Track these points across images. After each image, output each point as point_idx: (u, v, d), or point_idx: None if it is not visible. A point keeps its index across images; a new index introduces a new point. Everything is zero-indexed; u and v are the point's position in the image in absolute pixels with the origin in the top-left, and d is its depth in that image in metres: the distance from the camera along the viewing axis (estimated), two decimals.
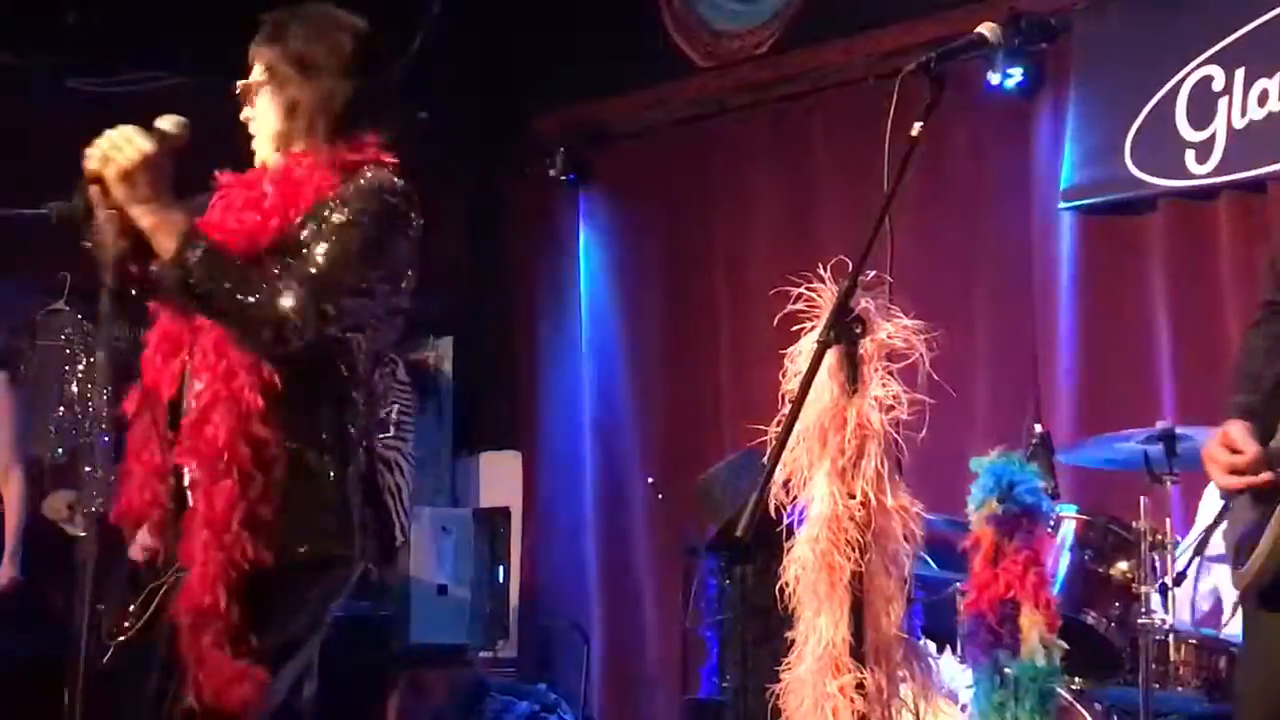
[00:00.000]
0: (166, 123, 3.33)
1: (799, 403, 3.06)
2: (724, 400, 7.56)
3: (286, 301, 3.20)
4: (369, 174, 3.39)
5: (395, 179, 3.41)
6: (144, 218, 3.22)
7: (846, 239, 3.21)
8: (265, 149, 3.51)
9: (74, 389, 7.86)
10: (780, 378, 3.21)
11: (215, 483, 3.28)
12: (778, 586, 3.22)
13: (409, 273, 3.42)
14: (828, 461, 3.14)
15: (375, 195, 3.36)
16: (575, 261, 8.42)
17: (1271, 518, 3.20)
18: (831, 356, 3.11)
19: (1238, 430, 3.31)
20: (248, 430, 3.27)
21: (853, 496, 3.12)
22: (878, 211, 3.12)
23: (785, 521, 3.19)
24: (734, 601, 5.53)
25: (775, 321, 3.31)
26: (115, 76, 8.08)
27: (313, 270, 3.24)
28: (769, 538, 3.18)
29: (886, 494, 3.14)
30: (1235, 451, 3.30)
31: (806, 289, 3.21)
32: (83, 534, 7.76)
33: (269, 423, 3.28)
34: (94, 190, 3.25)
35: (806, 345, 3.16)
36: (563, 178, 8.19)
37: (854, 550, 3.11)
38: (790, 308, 3.22)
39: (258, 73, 3.53)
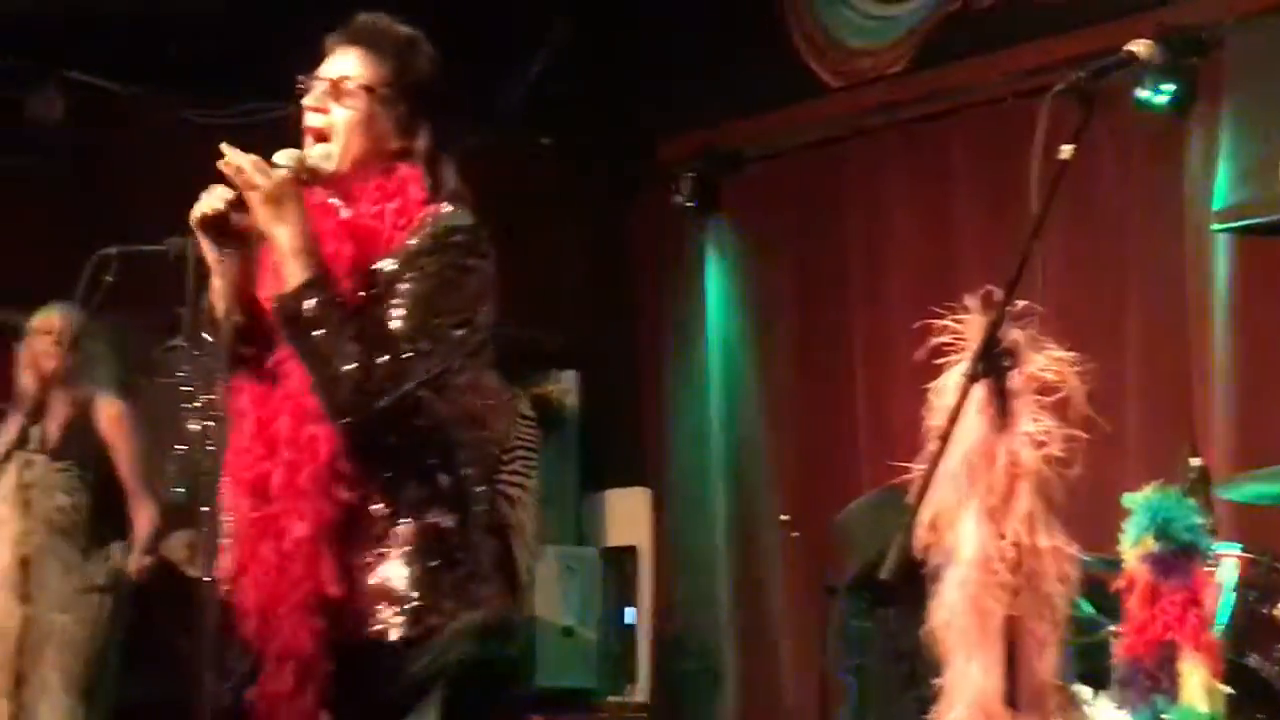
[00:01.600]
0: (284, 157, 3.31)
1: (945, 439, 3.05)
2: (861, 435, 7.55)
3: (371, 360, 3.14)
4: (441, 212, 3.31)
5: (463, 215, 3.33)
6: (287, 240, 3.19)
7: (989, 266, 3.22)
8: (334, 156, 3.37)
9: (193, 427, 7.98)
10: (923, 412, 3.21)
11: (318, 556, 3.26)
12: (924, 631, 3.21)
13: (484, 309, 3.33)
14: (976, 501, 3.13)
15: (449, 238, 3.28)
16: (702, 291, 8.44)
17: None
18: (979, 391, 3.10)
19: None
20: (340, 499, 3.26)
21: (1003, 537, 3.11)
22: (1023, 237, 3.09)
23: (931, 563, 3.17)
24: (876, 645, 5.52)
25: (917, 354, 3.30)
26: (229, 108, 8.23)
27: (389, 332, 3.19)
28: (914, 580, 3.17)
29: (1039, 534, 3.12)
30: None
31: (952, 320, 3.20)
32: (205, 576, 7.93)
33: (368, 487, 3.27)
34: (219, 219, 3.25)
35: (953, 379, 3.15)
36: (689, 204, 8.22)
37: (1005, 593, 3.09)
38: (934, 341, 3.22)
39: (355, 72, 3.41)
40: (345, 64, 3.40)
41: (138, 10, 7.85)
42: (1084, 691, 5.20)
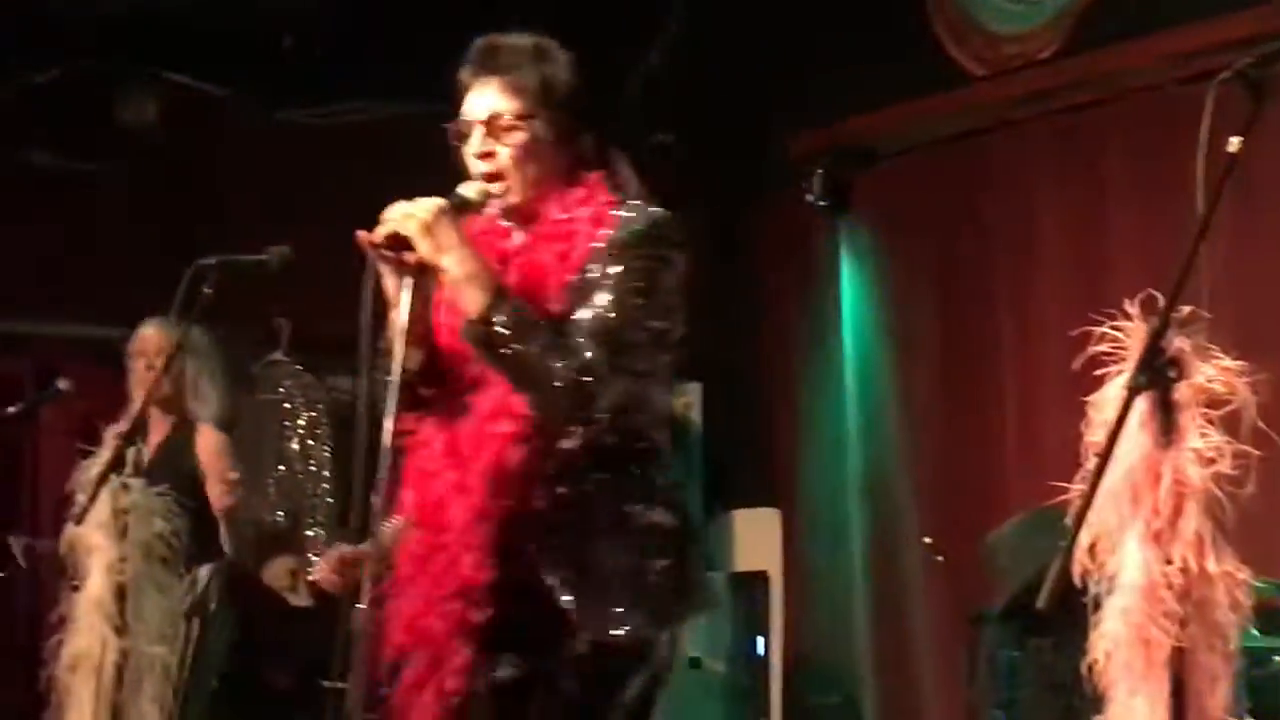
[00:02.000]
0: (469, 190, 3.50)
1: (1106, 457, 3.03)
2: (1010, 452, 7.50)
3: (583, 363, 3.31)
4: (631, 213, 3.49)
5: (658, 210, 3.51)
6: (455, 266, 3.34)
7: (1149, 268, 3.20)
8: (514, 190, 3.55)
9: (294, 446, 8.07)
10: (1083, 427, 3.21)
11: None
12: (1083, 663, 3.21)
13: (680, 303, 3.52)
14: (1140, 523, 3.13)
15: (648, 233, 3.47)
16: (835, 296, 8.43)
17: None
18: (1142, 404, 3.09)
19: None
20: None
21: (1170, 562, 3.11)
22: (1187, 237, 3.08)
23: (1091, 591, 3.16)
24: (1030, 678, 5.50)
25: (1073, 364, 3.29)
26: (326, 107, 8.34)
27: (600, 328, 3.35)
28: (1071, 608, 3.16)
29: (1208, 558, 3.12)
30: None
31: (1110, 328, 3.19)
32: (307, 603, 8.03)
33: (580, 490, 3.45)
34: (390, 256, 3.41)
35: (1113, 392, 3.15)
36: (821, 203, 8.20)
37: (1172, 623, 3.09)
38: (1091, 349, 3.21)
39: (505, 106, 3.56)
40: (491, 100, 3.56)
41: (228, 11, 7.99)
42: None
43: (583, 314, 3.36)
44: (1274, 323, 6.50)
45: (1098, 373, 3.23)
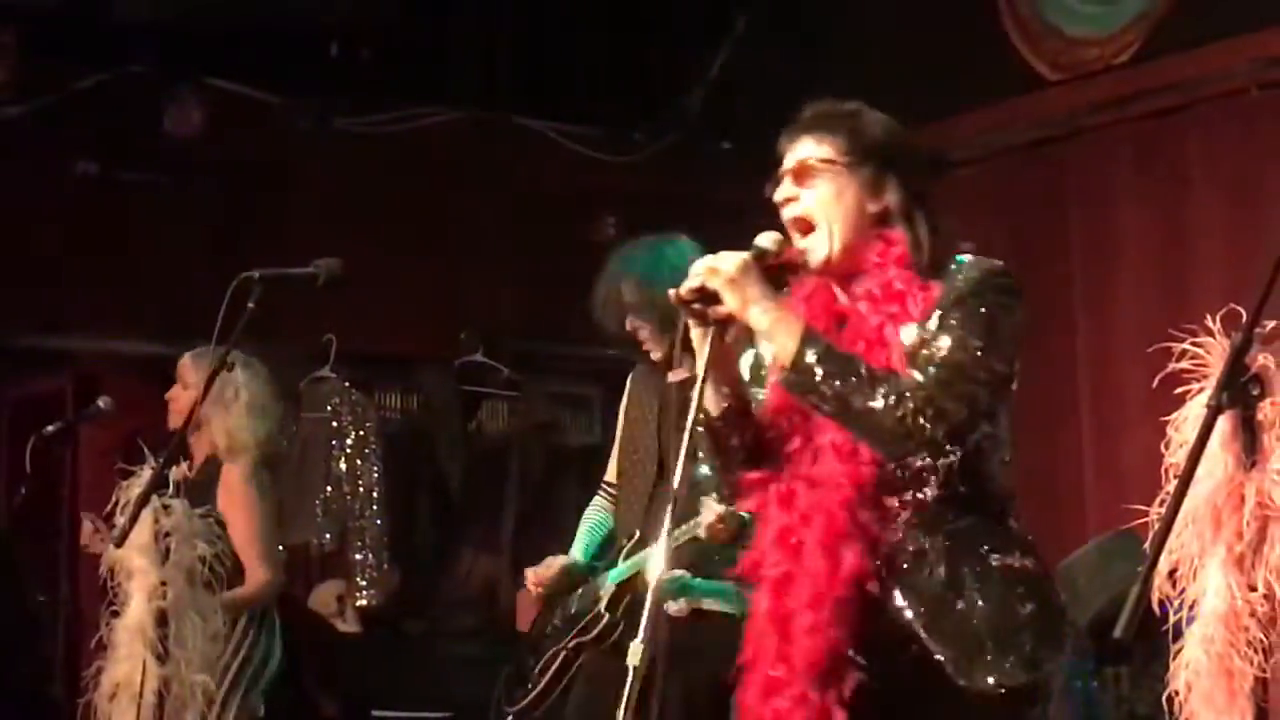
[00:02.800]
0: (766, 240, 3.58)
1: (1187, 478, 2.99)
2: (1086, 471, 7.46)
3: (910, 386, 3.38)
4: (963, 263, 3.60)
5: (993, 261, 3.62)
6: (761, 318, 3.44)
7: (1231, 280, 3.18)
8: (822, 242, 3.63)
9: (342, 466, 8.07)
10: (1163, 447, 3.19)
11: None
12: (1164, 695, 3.19)
13: (1017, 352, 3.62)
14: (1223, 548, 3.11)
15: (986, 281, 3.56)
16: None
17: None
18: (1225, 423, 3.08)
19: None
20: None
21: (1254, 589, 3.09)
22: (1274, 249, 3.05)
23: (1172, 618, 3.15)
24: (1107, 710, 5.47)
25: (1154, 382, 3.27)
26: (380, 114, 8.35)
27: (938, 364, 3.43)
28: (1150, 636, 3.13)
29: None
30: None
31: (1191, 344, 3.17)
32: (355, 629, 8.04)
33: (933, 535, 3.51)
34: (698, 309, 3.51)
35: (1194, 410, 3.13)
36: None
37: (1257, 652, 3.08)
38: (1171, 366, 3.19)
39: (811, 153, 3.67)
40: (802, 150, 3.67)
41: (279, 16, 8.02)
42: None
43: (923, 353, 3.45)
44: None
45: (1178, 391, 3.21)
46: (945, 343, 3.44)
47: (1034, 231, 7.94)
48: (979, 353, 3.45)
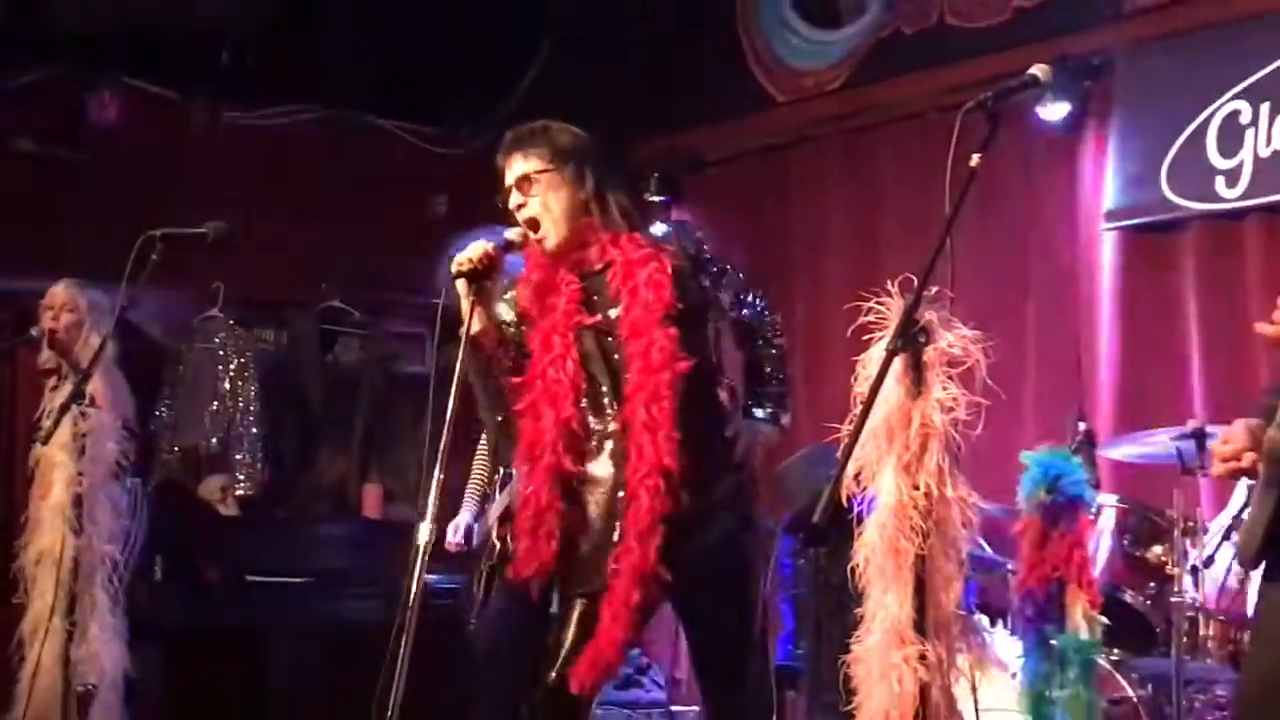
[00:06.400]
0: (512, 234, 3.73)
1: (869, 404, 3.04)
2: (798, 400, 7.50)
3: None
4: (681, 242, 3.88)
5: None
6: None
7: (910, 257, 3.19)
8: (552, 229, 3.74)
9: (225, 385, 7.94)
10: (851, 381, 3.20)
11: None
12: (849, 567, 3.20)
13: None
14: (894, 457, 3.12)
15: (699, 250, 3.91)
16: None
17: (1255, 494, 3.08)
18: (898, 363, 3.09)
19: (1237, 426, 3.18)
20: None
21: (916, 488, 3.11)
22: (939, 233, 3.09)
23: (855, 510, 3.16)
24: (808, 579, 5.53)
25: (849, 331, 3.29)
26: (261, 109, 8.22)
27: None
28: (841, 523, 3.16)
29: (947, 486, 3.12)
30: (1227, 443, 3.18)
31: (876, 303, 3.20)
32: (234, 513, 7.89)
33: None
34: (463, 284, 3.62)
35: (876, 353, 3.14)
36: (656, 199, 8.17)
37: (917, 536, 3.09)
38: (862, 319, 3.21)
39: (525, 170, 3.77)
40: (517, 167, 3.78)
41: (181, 24, 7.86)
42: (983, 620, 5.22)
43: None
44: (1000, 301, 6.59)
45: (865, 338, 3.22)
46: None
47: (765, 219, 7.98)
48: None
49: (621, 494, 3.61)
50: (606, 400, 3.70)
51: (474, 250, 3.64)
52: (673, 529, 3.54)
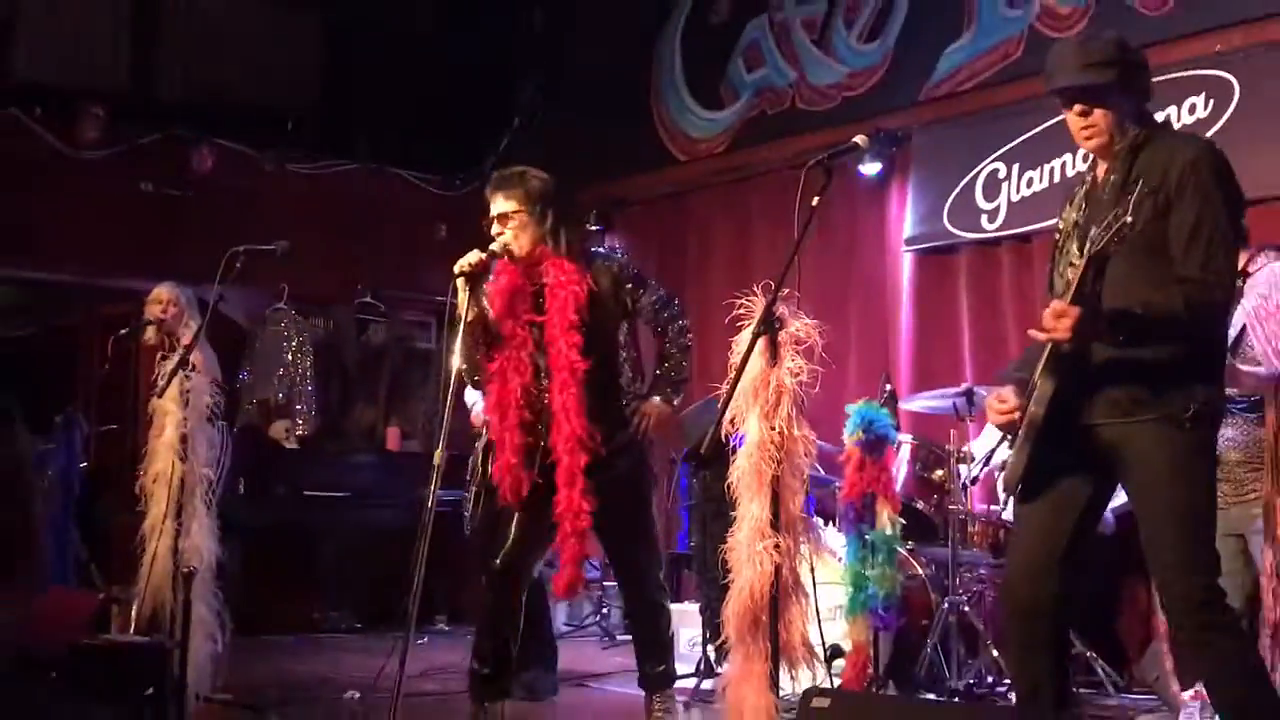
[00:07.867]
0: (495, 245, 3.72)
1: (740, 371, 3.07)
2: (695, 370, 7.48)
3: None
4: (606, 257, 3.93)
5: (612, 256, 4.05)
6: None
7: (771, 269, 3.21)
8: (518, 251, 3.77)
9: (288, 357, 7.90)
10: (728, 355, 3.20)
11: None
12: (726, 484, 3.21)
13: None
14: (758, 408, 3.12)
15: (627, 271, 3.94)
16: None
17: (1017, 443, 3.11)
18: (761, 343, 3.11)
19: (1007, 389, 3.23)
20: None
21: (773, 429, 3.11)
22: (790, 252, 3.10)
23: (731, 444, 3.17)
24: (698, 493, 5.54)
25: (726, 320, 3.30)
26: (314, 163, 8.13)
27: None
28: (721, 454, 3.19)
29: (794, 428, 3.13)
30: (1003, 401, 3.22)
31: (746, 301, 3.21)
32: (294, 447, 7.80)
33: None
34: (461, 281, 3.59)
35: (745, 336, 3.15)
36: (594, 228, 8.13)
37: (774, 463, 3.10)
38: (735, 312, 3.23)
39: (507, 208, 3.76)
40: (500, 204, 3.78)
41: (257, 99, 7.79)
42: (819, 521, 5.26)
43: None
44: (832, 299, 6.63)
45: (738, 325, 3.23)
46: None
47: (671, 244, 7.96)
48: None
49: (551, 452, 3.74)
50: (543, 378, 3.77)
51: (470, 257, 3.63)
52: (586, 473, 3.69)
